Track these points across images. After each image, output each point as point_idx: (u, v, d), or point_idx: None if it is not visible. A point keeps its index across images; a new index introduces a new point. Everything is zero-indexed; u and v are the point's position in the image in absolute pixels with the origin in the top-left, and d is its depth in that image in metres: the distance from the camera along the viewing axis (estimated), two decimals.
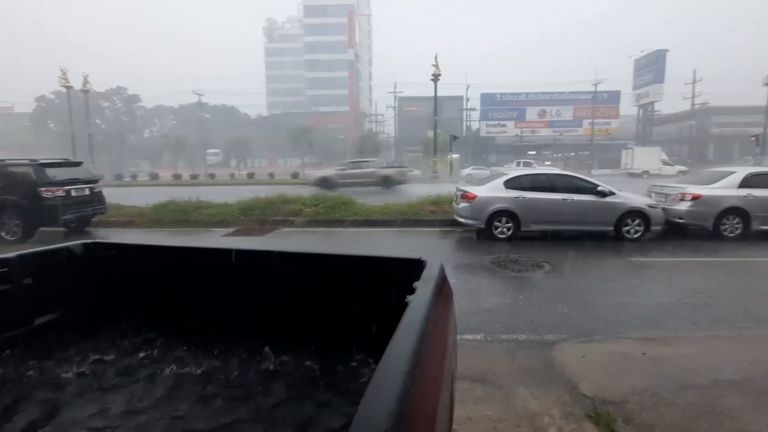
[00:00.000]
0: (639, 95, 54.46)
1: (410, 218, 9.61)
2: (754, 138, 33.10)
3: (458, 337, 3.73)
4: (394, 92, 53.50)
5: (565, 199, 7.82)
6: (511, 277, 5.64)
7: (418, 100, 53.80)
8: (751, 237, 7.74)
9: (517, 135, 51.44)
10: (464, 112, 54.62)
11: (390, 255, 1.50)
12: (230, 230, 9.17)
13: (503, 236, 7.82)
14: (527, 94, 54.27)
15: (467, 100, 53.82)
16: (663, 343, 3.55)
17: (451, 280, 5.00)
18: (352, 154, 54.97)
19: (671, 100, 53.30)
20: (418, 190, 19.03)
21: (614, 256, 6.85)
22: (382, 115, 62.50)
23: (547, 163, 46.22)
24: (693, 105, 51.17)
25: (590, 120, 51.13)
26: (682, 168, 35.74)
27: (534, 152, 51.96)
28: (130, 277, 1.89)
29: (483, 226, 7.93)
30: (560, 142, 52.73)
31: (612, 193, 7.84)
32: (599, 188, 7.88)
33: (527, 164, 37.02)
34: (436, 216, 9.76)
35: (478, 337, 3.74)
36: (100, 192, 9.74)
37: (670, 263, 6.41)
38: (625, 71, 56.43)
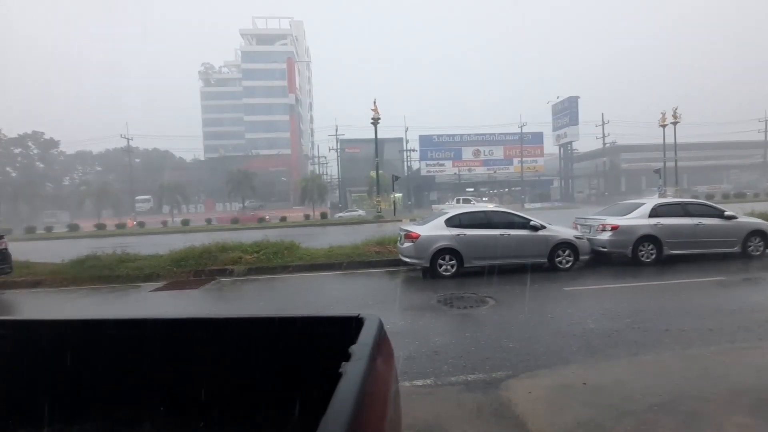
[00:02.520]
0: (558, 136, 60.36)
1: (356, 260, 9.52)
2: (656, 171, 37.71)
3: (408, 384, 3.65)
4: (336, 135, 54.62)
5: (502, 235, 8.20)
6: (457, 315, 5.69)
7: (360, 142, 55.28)
8: (664, 261, 8.58)
9: (455, 174, 54.18)
10: (405, 153, 56.80)
11: (325, 314, 1.42)
12: (160, 284, 8.46)
13: (448, 274, 7.96)
14: (462, 135, 57.96)
15: (407, 141, 56.23)
16: (600, 370, 3.70)
17: (400, 322, 4.94)
18: (296, 195, 54.47)
19: (586, 140, 59.76)
20: (364, 230, 19.09)
21: (550, 286, 7.22)
22: (325, 157, 63.29)
23: (484, 199, 48.87)
24: (604, 144, 57.60)
25: (519, 158, 55.41)
26: None
27: (472, 189, 54.87)
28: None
29: (428, 265, 8.04)
30: (494, 179, 56.31)
31: (543, 227, 8.37)
32: (532, 223, 8.39)
33: (466, 201, 38.86)
34: (382, 257, 9.76)
35: (428, 381, 3.66)
36: (5, 249, 8.62)
37: (598, 290, 6.87)
38: (545, 114, 62.58)
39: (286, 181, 62.36)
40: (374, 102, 24.44)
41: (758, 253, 8.77)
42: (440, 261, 8.01)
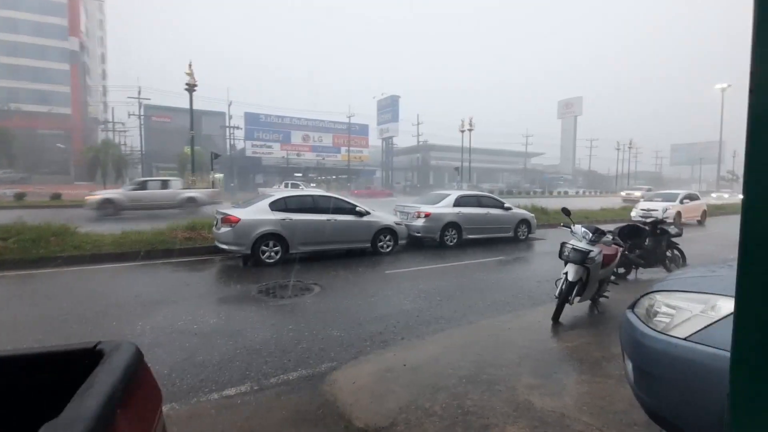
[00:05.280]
0: (381, 130, 65.30)
1: (159, 249, 7.96)
2: (456, 169, 44.86)
3: (217, 396, 3.04)
4: (139, 98, 45.66)
5: (329, 220, 8.10)
6: (280, 306, 5.25)
7: (171, 111, 47.89)
8: (463, 244, 10.01)
9: (283, 157, 52.62)
10: (227, 130, 51.97)
11: (43, 348, 0.80)
12: None
13: (271, 261, 7.41)
14: (291, 118, 56.56)
15: (230, 117, 51.48)
16: (418, 349, 3.86)
17: (212, 320, 4.15)
18: (80, 168, 43.68)
19: (405, 137, 66.39)
20: (173, 213, 16.45)
21: (372, 270, 7.48)
22: (123, 123, 52.11)
23: (312, 185, 49.07)
24: (418, 142, 65.21)
25: (347, 147, 57.69)
26: None
27: (300, 174, 54.35)
28: None
29: (249, 252, 7.30)
30: (323, 165, 57.16)
31: (368, 213, 8.65)
32: (357, 209, 8.56)
33: (295, 186, 38.18)
34: (193, 244, 8.45)
35: (244, 388, 3.14)
36: None
37: (414, 272, 7.45)
38: (371, 108, 66.70)
39: (66, 149, 49.08)
40: (190, 65, 21.08)
41: (524, 237, 11.14)
42: (263, 247, 7.38)
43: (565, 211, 5.17)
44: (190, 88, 21.15)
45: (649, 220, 7.32)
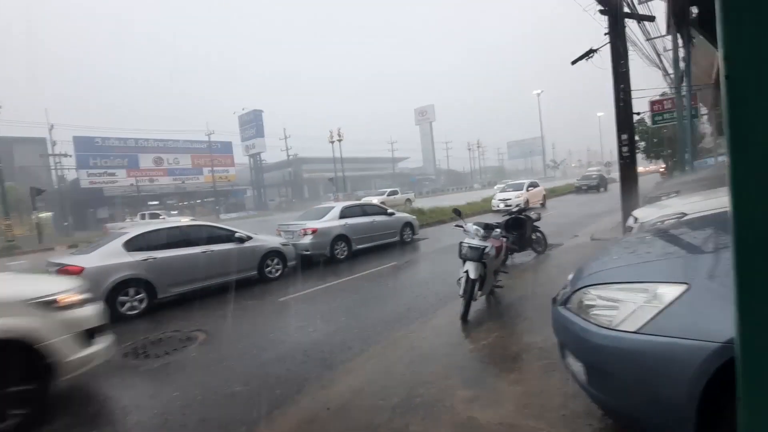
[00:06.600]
0: (247, 147, 61.87)
1: None
2: (330, 180, 44.97)
3: None
4: None
5: (204, 252, 7.06)
6: (157, 368, 4.25)
7: None
8: (354, 255, 9.81)
9: (132, 185, 45.56)
10: (52, 158, 42.81)
11: None
12: None
13: (136, 312, 6.09)
14: (137, 140, 49.41)
15: (54, 143, 42.51)
16: (338, 385, 3.45)
17: (57, 409, 3.04)
18: None
19: (273, 151, 64.00)
20: None
21: (264, 299, 6.74)
22: None
23: (173, 212, 43.56)
24: (288, 156, 63.55)
25: (209, 168, 52.90)
26: None
27: (157, 202, 47.81)
28: None
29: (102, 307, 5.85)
30: (183, 190, 51.34)
31: (249, 238, 7.82)
32: (237, 235, 7.68)
33: (154, 216, 33.27)
34: None
35: None
36: None
37: (310, 294, 6.92)
38: (234, 125, 62.71)
39: None
40: None
41: (409, 239, 11.50)
42: (122, 298, 6.02)
43: (456, 212, 5.36)
44: None
45: (515, 209, 8.17)
